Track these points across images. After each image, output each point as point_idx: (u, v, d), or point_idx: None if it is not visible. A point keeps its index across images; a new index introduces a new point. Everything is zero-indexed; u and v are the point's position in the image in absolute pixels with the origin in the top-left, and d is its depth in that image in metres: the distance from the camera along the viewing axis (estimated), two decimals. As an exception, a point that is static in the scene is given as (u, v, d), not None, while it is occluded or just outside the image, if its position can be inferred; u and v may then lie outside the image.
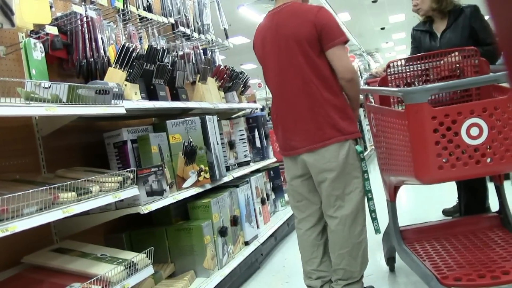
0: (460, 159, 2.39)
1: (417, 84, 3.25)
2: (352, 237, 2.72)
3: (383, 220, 3.07)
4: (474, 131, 2.36)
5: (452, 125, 2.36)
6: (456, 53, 3.17)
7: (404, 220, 3.22)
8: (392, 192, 3.01)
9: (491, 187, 3.30)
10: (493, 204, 3.39)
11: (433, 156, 2.39)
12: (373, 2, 14.49)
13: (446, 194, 4.84)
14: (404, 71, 3.24)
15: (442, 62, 3.20)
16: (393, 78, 3.24)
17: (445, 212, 4.50)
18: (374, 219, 2.79)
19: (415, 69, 3.24)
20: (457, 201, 4.20)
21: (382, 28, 19.12)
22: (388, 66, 3.24)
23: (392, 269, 3.37)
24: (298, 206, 2.94)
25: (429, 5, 3.66)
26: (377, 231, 2.81)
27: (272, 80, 2.86)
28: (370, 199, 2.78)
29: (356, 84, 2.72)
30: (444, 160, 2.41)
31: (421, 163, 2.47)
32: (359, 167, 2.74)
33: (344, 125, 2.68)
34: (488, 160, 2.41)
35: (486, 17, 3.66)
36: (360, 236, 2.75)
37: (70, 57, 2.92)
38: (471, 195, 3.80)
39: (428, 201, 5.54)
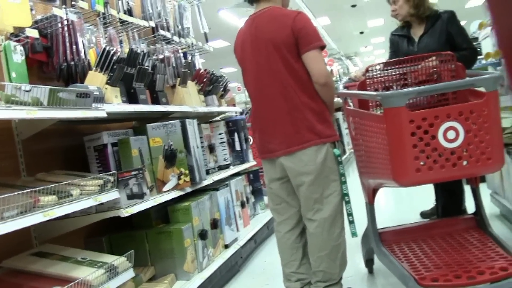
0: (437, 162, 2.44)
1: (395, 88, 3.30)
2: (330, 239, 2.75)
3: (362, 222, 3.10)
4: (451, 135, 2.41)
5: (429, 128, 2.41)
6: (434, 58, 3.23)
7: (383, 222, 3.26)
8: (370, 194, 3.05)
9: (467, 189, 3.35)
10: (470, 206, 3.45)
11: (411, 159, 2.43)
12: (352, 6, 14.62)
13: (424, 197, 4.90)
14: (382, 75, 3.29)
15: (419, 66, 3.25)
16: (371, 82, 3.29)
17: (423, 214, 4.56)
18: (351, 222, 2.82)
19: (394, 73, 3.29)
20: (435, 203, 4.26)
21: (361, 32, 19.31)
22: (367, 70, 3.28)
23: (371, 271, 3.41)
24: (277, 209, 2.96)
25: (407, 11, 3.72)
26: (353, 234, 2.83)
27: (251, 84, 2.89)
28: (347, 202, 2.81)
29: (330, 88, 2.75)
30: (421, 163, 2.46)
31: (399, 166, 2.51)
32: (336, 170, 2.77)
33: (322, 129, 2.71)
34: (464, 163, 2.46)
35: (462, 23, 3.73)
36: (339, 239, 2.78)
37: (50, 60, 2.91)
38: (448, 197, 3.86)
39: (406, 204, 5.62)
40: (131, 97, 3.25)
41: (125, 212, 2.74)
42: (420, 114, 2.44)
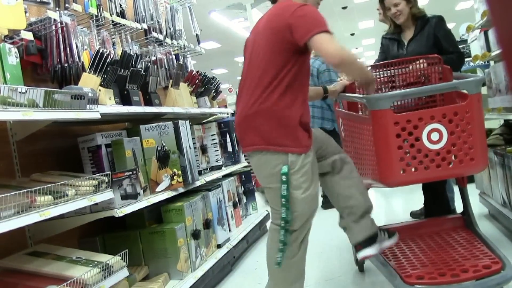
0: (422, 163, 2.49)
1: (384, 90, 3.36)
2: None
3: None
4: (435, 136, 2.47)
5: (414, 130, 2.47)
6: (422, 61, 3.29)
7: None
8: (361, 194, 3.10)
9: (456, 190, 3.41)
10: (459, 206, 3.50)
11: (396, 160, 2.49)
12: (343, 8, 14.71)
13: (414, 197, 4.96)
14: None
15: (408, 68, 3.31)
16: (359, 84, 3.35)
17: (413, 214, 4.62)
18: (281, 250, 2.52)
19: (382, 75, 3.35)
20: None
21: (352, 34, 19.40)
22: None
23: (361, 269, 3.46)
24: None
25: (408, 11, 3.75)
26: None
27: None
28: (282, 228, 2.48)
29: (349, 65, 2.45)
30: (408, 164, 2.52)
31: (385, 167, 2.56)
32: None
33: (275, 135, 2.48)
34: (448, 163, 2.52)
35: (452, 25, 3.80)
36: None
37: (45, 62, 2.94)
38: (431, 197, 3.91)
39: (396, 204, 5.67)
40: (124, 99, 3.29)
41: (119, 212, 2.77)
42: (405, 116, 2.49)
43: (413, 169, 2.50)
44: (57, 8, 3.03)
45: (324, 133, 2.77)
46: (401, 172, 2.49)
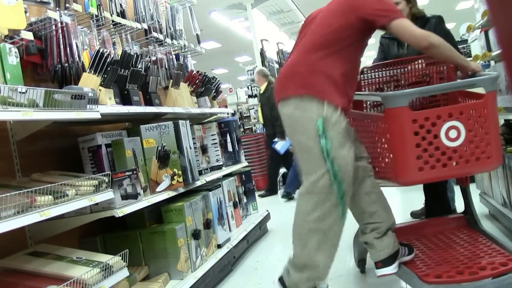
0: (440, 161, 2.49)
1: (386, 89, 3.35)
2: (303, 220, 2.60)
3: (354, 223, 3.14)
4: (453, 134, 2.46)
5: (432, 127, 2.46)
6: (421, 61, 3.29)
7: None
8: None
9: (457, 189, 3.40)
10: (459, 206, 3.50)
11: (414, 158, 2.48)
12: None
13: (414, 197, 4.95)
14: (376, 77, 3.35)
15: (413, 67, 3.31)
16: (365, 83, 3.35)
17: (413, 214, 4.62)
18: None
19: (387, 75, 3.35)
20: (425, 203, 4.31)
21: (352, 34, 19.33)
22: (361, 72, 3.33)
23: (363, 270, 3.45)
24: None
25: (408, 11, 3.76)
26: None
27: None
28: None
29: (437, 48, 2.54)
30: (426, 162, 2.51)
31: (401, 165, 2.55)
32: None
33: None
34: (466, 161, 2.52)
35: (452, 25, 3.79)
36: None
37: (45, 62, 2.94)
38: (433, 198, 3.90)
39: (397, 204, 5.66)
40: (124, 99, 3.29)
41: (120, 212, 2.77)
42: (423, 113, 2.49)
43: (430, 167, 2.49)
44: (57, 8, 3.02)
45: (356, 133, 2.81)
46: (418, 170, 2.48)
